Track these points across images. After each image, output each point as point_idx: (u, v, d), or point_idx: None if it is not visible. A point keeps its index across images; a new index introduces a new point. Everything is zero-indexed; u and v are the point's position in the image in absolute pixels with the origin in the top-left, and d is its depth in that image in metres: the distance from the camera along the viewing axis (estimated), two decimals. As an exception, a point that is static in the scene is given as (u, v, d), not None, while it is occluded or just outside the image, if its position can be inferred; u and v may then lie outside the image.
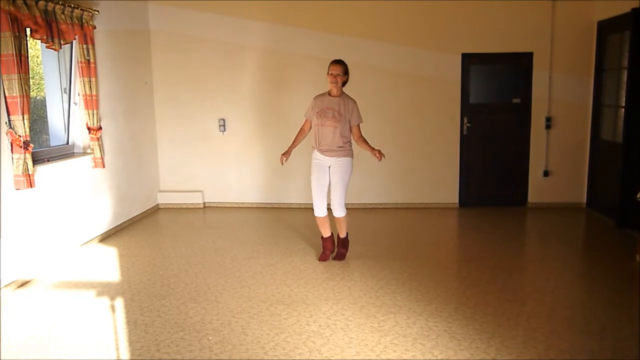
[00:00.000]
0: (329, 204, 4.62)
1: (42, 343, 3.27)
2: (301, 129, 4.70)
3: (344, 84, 4.49)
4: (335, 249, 4.82)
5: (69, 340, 3.30)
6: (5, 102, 4.03)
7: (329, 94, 4.49)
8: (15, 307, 3.83)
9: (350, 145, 4.56)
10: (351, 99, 4.52)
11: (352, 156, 4.56)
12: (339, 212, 4.59)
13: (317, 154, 4.54)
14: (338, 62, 4.45)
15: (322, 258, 4.73)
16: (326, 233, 4.74)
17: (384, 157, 4.50)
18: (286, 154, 4.63)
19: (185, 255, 4.97)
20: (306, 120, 4.63)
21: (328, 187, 4.60)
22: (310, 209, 6.82)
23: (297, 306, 3.75)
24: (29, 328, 3.48)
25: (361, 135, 4.55)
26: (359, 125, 4.52)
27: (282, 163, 4.64)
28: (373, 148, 4.48)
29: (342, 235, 4.76)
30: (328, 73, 4.43)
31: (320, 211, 4.60)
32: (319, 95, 4.56)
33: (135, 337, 3.30)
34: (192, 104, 6.83)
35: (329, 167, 4.54)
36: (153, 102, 6.82)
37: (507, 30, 6.43)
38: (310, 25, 6.56)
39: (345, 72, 4.45)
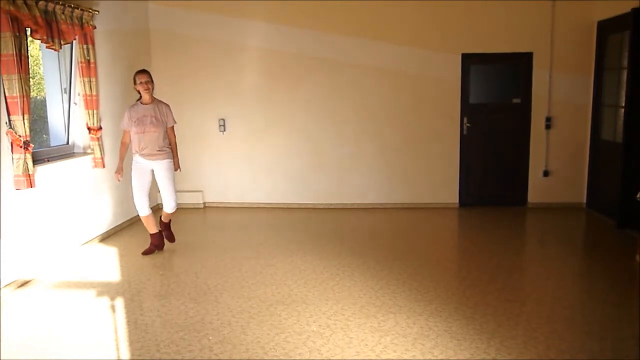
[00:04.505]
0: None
1: (42, 343, 3.27)
2: (122, 142, 4.91)
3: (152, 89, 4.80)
4: (163, 241, 5.11)
5: (69, 340, 3.30)
6: (6, 102, 4.03)
7: (142, 102, 4.76)
8: (15, 307, 3.83)
9: (169, 148, 4.90)
10: (164, 103, 4.87)
11: (172, 157, 4.91)
12: (173, 207, 4.96)
13: (138, 159, 4.79)
14: (144, 71, 4.74)
15: (147, 251, 4.99)
16: (153, 229, 4.99)
17: (180, 170, 5.09)
18: (119, 171, 4.89)
19: (186, 255, 4.97)
20: (125, 132, 4.84)
21: (149, 188, 4.92)
22: (309, 209, 6.90)
23: (297, 306, 3.75)
24: (29, 328, 3.48)
25: (175, 139, 4.96)
26: (173, 127, 4.90)
27: (119, 180, 5.02)
28: (178, 160, 5.00)
29: (167, 220, 5.13)
30: (137, 83, 4.69)
31: (144, 211, 4.87)
32: (132, 106, 4.80)
33: (135, 337, 3.30)
34: (192, 103, 6.83)
35: (152, 170, 4.85)
36: (153, 102, 6.82)
37: (507, 30, 6.43)
38: (310, 25, 6.56)
39: (152, 79, 4.76)
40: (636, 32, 5.28)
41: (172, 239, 5.20)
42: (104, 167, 5.39)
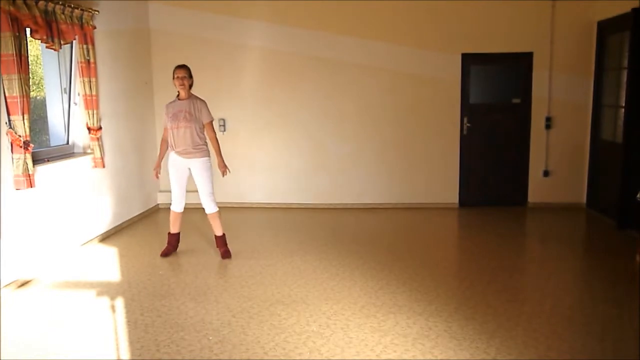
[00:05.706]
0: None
1: (42, 343, 3.27)
2: (162, 139, 4.86)
3: (190, 86, 4.68)
4: (177, 246, 5.04)
5: (69, 340, 3.30)
6: (6, 102, 4.03)
7: (178, 98, 4.68)
8: (15, 307, 3.83)
9: (207, 145, 4.76)
10: (200, 99, 4.71)
11: (209, 155, 4.76)
12: (211, 208, 4.81)
13: (173, 156, 4.72)
14: (183, 66, 4.64)
15: (165, 252, 4.91)
16: (175, 229, 4.96)
17: (229, 172, 4.90)
18: (157, 168, 4.85)
19: (186, 255, 4.96)
20: (165, 129, 4.77)
21: (185, 186, 4.84)
22: (309, 209, 6.90)
23: (297, 306, 3.75)
24: (29, 328, 3.48)
25: (215, 136, 4.78)
26: (211, 123, 4.73)
27: (157, 177, 4.91)
28: (222, 160, 4.80)
29: (219, 233, 4.91)
30: (174, 78, 4.60)
31: (177, 207, 4.85)
32: (169, 102, 4.74)
33: (135, 337, 3.30)
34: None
35: (189, 169, 4.74)
36: (153, 102, 6.82)
37: (507, 30, 6.43)
38: (310, 25, 6.56)
39: (190, 75, 4.66)
40: (636, 32, 5.28)
41: (228, 254, 4.84)
42: (103, 167, 5.39)
